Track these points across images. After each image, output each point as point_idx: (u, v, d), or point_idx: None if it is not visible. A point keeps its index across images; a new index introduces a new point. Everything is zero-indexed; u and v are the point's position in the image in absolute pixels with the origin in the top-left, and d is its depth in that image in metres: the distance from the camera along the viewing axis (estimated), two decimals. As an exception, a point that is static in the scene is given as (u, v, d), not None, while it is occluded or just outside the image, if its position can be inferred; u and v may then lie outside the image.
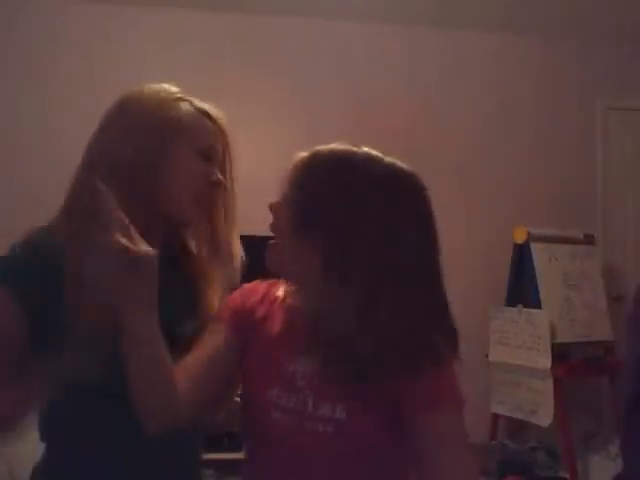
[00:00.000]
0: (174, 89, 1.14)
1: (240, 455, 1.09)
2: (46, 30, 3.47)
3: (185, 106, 1.12)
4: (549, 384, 3.10)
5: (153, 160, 1.06)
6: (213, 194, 1.13)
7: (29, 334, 0.99)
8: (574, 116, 3.92)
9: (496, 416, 3.41)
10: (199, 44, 3.57)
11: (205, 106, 1.15)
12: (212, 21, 3.62)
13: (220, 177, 1.13)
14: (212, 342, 1.05)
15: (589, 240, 3.54)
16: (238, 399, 1.15)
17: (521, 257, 3.36)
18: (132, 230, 0.90)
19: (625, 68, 3.95)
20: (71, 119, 3.05)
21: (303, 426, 0.96)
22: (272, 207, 1.01)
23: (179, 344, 1.02)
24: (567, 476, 3.10)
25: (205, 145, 1.12)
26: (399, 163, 1.01)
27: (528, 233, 3.35)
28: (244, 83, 3.56)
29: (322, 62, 3.70)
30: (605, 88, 3.96)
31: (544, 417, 3.09)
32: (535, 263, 3.30)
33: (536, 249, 3.33)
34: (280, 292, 1.09)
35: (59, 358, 1.01)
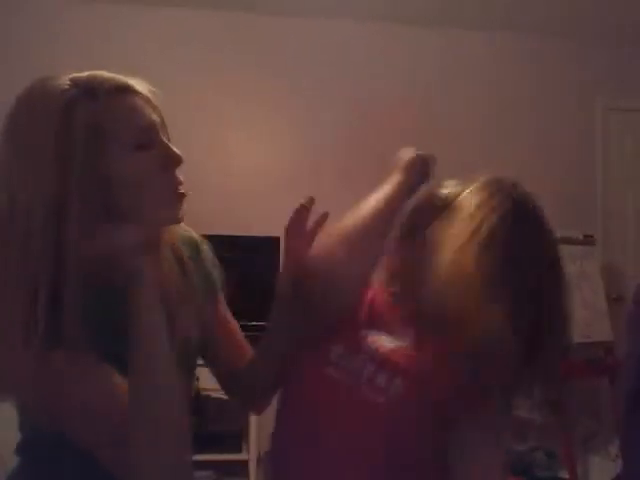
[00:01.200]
0: (62, 83, 0.89)
1: (239, 455, 1.08)
2: (46, 30, 3.47)
3: (85, 107, 0.86)
4: (549, 384, 3.10)
5: (96, 198, 0.84)
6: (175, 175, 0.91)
7: None
8: (574, 116, 3.92)
9: (496, 416, 3.41)
10: (199, 44, 3.57)
11: (119, 83, 0.89)
12: (212, 21, 3.62)
13: (176, 151, 0.90)
14: None
15: (589, 240, 3.54)
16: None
17: (521, 257, 3.36)
18: None
19: (625, 68, 3.95)
20: (71, 119, 3.05)
21: (355, 390, 0.92)
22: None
23: None
24: (566, 477, 3.10)
25: (140, 131, 0.87)
26: None
27: (528, 233, 3.34)
28: (244, 83, 3.56)
29: (322, 62, 3.70)
30: (605, 88, 3.96)
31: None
32: (535, 263, 3.30)
33: (536, 249, 3.33)
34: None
35: None
